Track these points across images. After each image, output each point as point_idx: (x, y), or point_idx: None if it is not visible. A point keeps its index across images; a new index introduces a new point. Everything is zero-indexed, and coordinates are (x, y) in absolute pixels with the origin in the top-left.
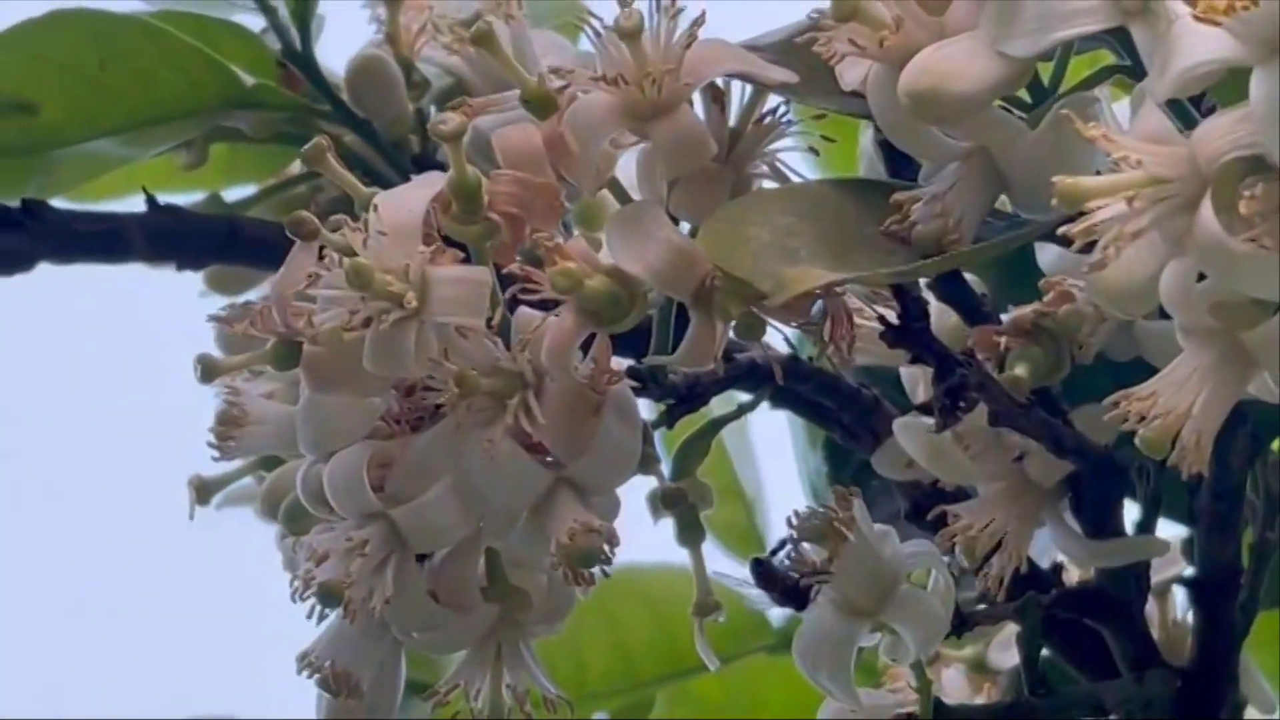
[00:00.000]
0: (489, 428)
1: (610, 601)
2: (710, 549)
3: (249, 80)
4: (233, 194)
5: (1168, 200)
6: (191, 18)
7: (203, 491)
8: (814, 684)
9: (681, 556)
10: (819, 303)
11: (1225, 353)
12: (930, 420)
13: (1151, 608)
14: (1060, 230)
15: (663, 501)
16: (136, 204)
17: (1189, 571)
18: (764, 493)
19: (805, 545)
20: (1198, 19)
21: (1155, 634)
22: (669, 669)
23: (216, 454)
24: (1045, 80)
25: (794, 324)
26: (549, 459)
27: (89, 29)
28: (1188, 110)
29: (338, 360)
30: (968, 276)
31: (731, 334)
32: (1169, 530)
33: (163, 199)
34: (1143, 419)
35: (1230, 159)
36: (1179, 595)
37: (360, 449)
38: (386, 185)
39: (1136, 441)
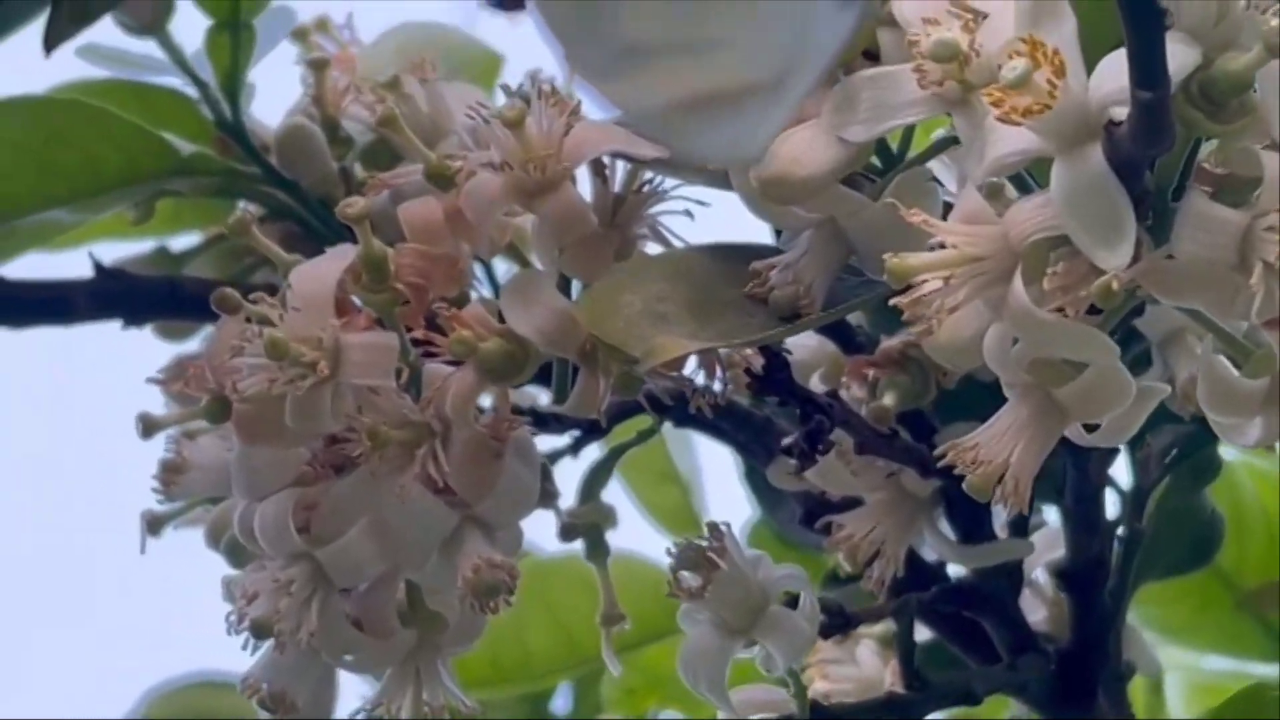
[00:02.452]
0: (401, 474)
1: (551, 590)
2: (650, 531)
3: (185, 150)
4: (180, 242)
5: (983, 275)
6: (135, 85)
7: (154, 524)
8: (694, 693)
9: (621, 542)
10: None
11: (1040, 406)
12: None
13: (1045, 583)
14: (891, 301)
15: (562, 536)
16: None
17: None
18: (700, 476)
19: (684, 573)
20: (1001, 120)
21: (1044, 610)
22: None
23: (161, 497)
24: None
25: (669, 377)
26: (457, 499)
27: (35, 112)
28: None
29: (264, 417)
30: None
31: None
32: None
33: (112, 248)
34: (970, 465)
35: (1037, 239)
36: None
37: (285, 496)
38: (317, 237)
39: (964, 486)
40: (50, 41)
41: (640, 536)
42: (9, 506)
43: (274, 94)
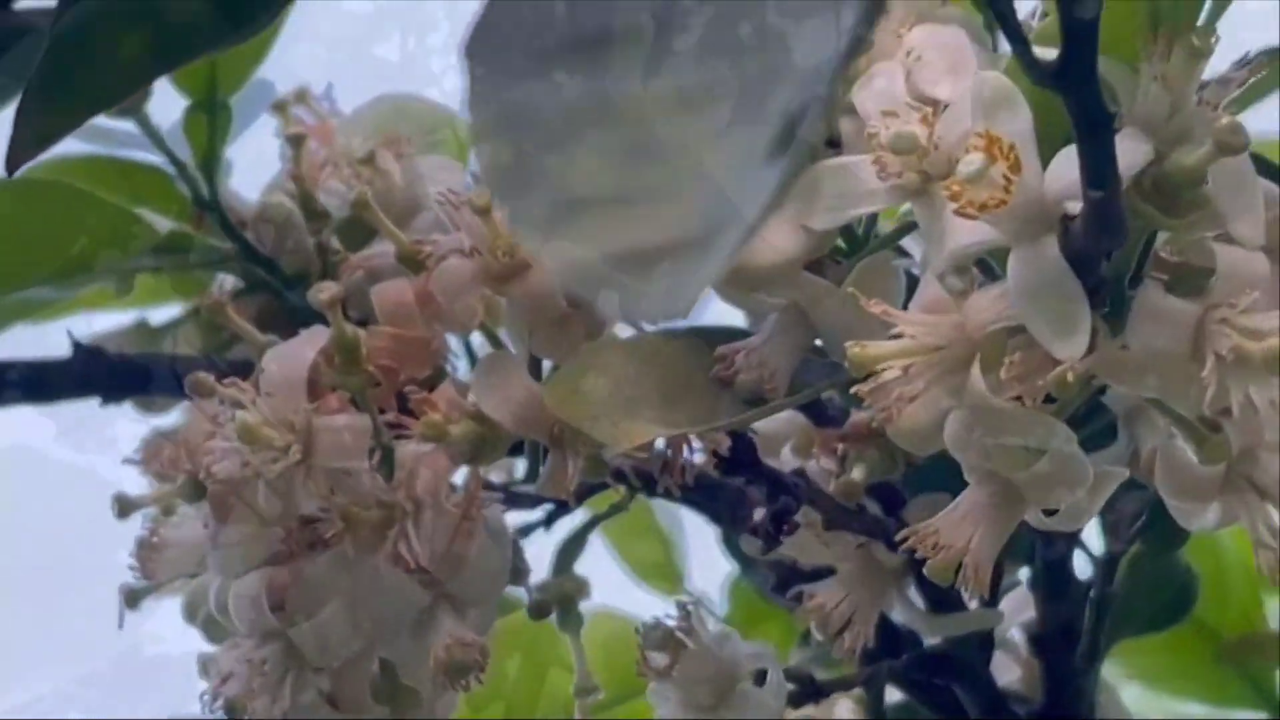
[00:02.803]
0: (374, 554)
1: (534, 642)
2: (631, 586)
3: (163, 227)
4: (161, 314)
5: (941, 364)
6: (114, 160)
7: (132, 599)
8: None
9: (601, 598)
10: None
11: (1000, 491)
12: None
13: (1019, 643)
14: (852, 390)
15: (532, 614)
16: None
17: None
18: (682, 531)
19: (652, 652)
20: (958, 214)
21: (1018, 670)
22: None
23: (137, 575)
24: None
25: (637, 459)
26: (429, 578)
27: (16, 193)
28: None
29: (238, 498)
30: None
31: None
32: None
33: (96, 318)
34: (931, 550)
35: (995, 329)
36: None
37: (259, 576)
38: (293, 312)
39: (925, 571)
40: (12, 163)
41: (625, 589)
42: None
43: (259, 153)
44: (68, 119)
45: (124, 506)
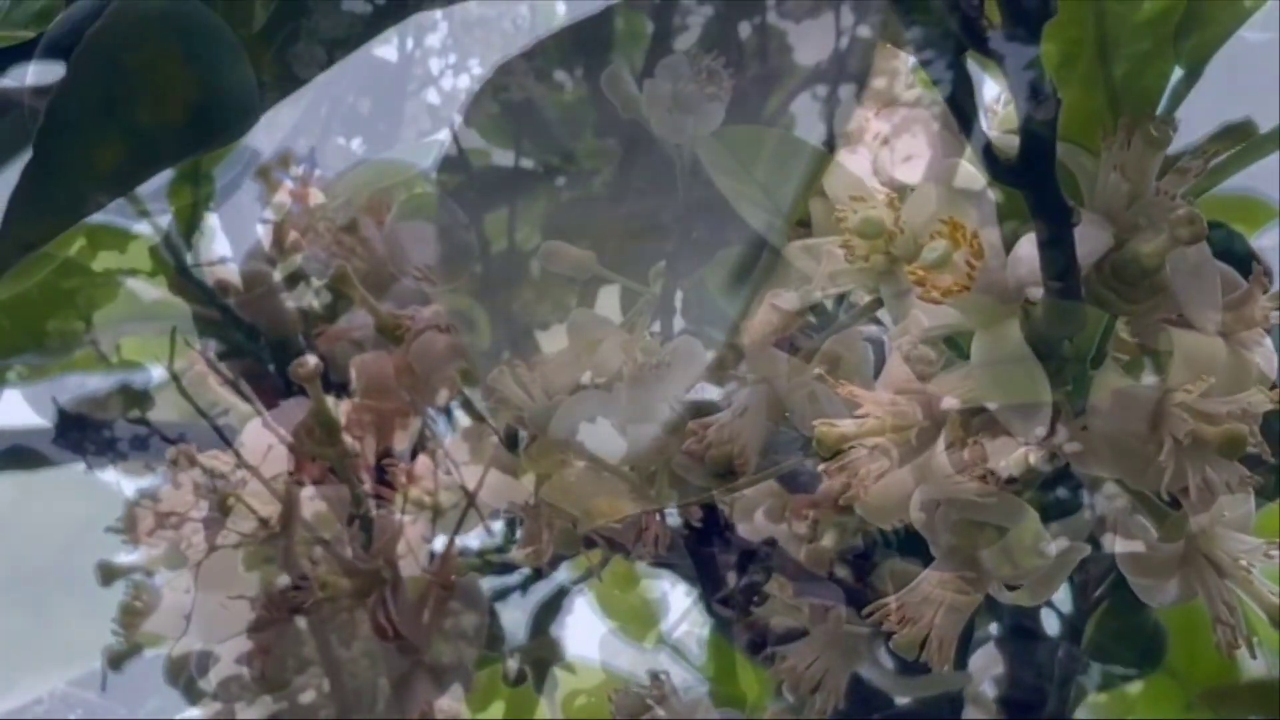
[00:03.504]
0: (351, 621)
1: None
2: (609, 637)
3: (147, 296)
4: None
5: (906, 444)
6: (99, 225)
7: (115, 660)
8: None
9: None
10: None
11: (964, 566)
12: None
13: (992, 697)
14: (820, 467)
15: (508, 680)
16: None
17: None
18: (663, 574)
19: None
20: (922, 299)
21: None
22: None
23: (122, 638)
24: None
25: (611, 529)
26: (407, 644)
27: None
28: None
29: (220, 566)
30: None
31: None
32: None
33: (75, 380)
34: (897, 624)
35: (959, 409)
36: None
37: (239, 643)
38: (271, 378)
39: (891, 644)
40: None
41: None
42: None
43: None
44: (50, 228)
45: (107, 573)
